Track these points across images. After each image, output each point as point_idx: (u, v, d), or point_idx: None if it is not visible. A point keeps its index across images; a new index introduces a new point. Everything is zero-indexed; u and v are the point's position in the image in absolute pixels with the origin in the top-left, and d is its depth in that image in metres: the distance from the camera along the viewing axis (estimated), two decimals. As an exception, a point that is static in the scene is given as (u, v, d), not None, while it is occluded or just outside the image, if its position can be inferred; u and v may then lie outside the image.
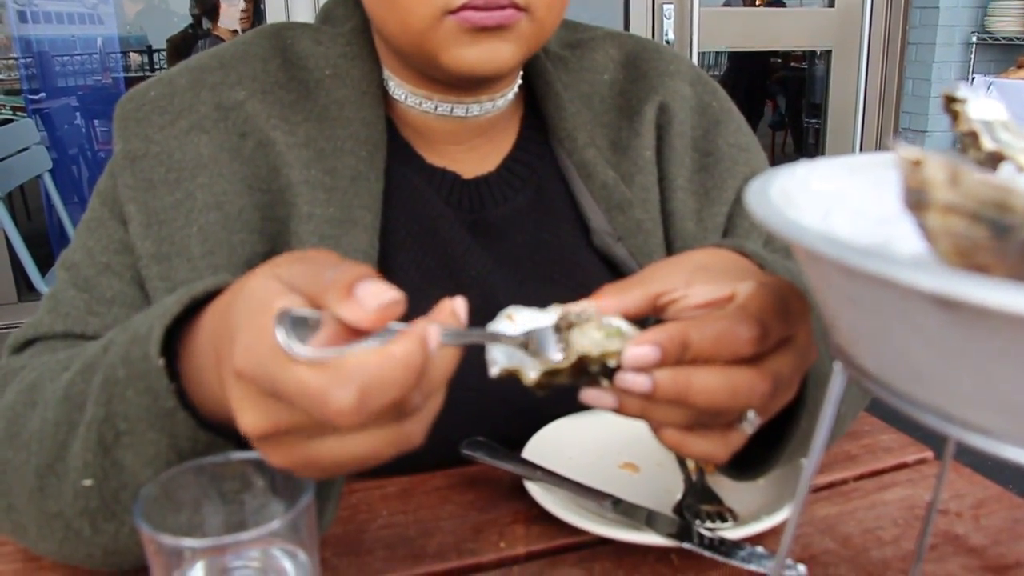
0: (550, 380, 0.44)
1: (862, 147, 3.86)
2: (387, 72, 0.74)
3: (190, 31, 3.95)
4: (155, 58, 4.25)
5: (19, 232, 2.34)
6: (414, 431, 0.40)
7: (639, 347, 0.43)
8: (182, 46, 3.89)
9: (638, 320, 0.47)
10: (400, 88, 0.74)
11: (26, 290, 3.01)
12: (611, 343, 0.44)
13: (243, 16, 3.56)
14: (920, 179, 0.26)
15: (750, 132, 0.85)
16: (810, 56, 5.15)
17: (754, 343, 0.43)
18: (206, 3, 3.74)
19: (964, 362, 0.26)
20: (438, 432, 0.68)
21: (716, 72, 5.90)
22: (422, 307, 0.41)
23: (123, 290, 0.68)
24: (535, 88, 0.79)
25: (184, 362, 0.46)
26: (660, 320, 0.47)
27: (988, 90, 3.49)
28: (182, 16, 4.04)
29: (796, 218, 0.30)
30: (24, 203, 4.08)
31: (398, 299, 0.37)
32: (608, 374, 0.44)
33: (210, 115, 0.70)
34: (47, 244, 3.44)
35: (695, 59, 3.37)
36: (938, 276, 0.23)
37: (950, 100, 0.41)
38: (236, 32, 3.66)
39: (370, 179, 0.70)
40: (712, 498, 0.63)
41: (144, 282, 0.68)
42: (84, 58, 4.05)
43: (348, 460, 0.39)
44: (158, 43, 4.16)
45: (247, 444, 0.48)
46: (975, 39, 3.69)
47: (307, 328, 0.37)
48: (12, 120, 3.50)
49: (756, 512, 0.60)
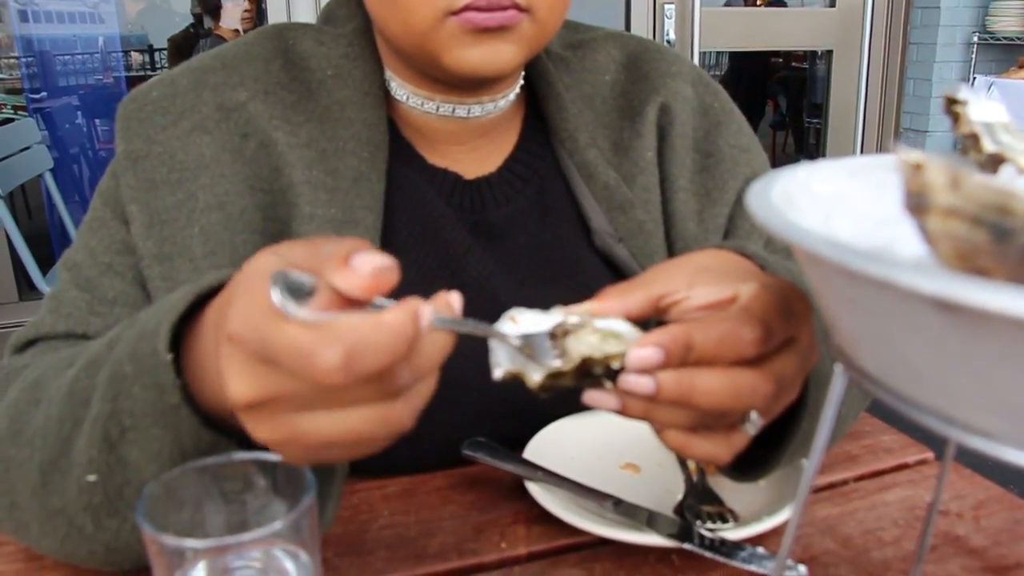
0: (554, 383, 0.44)
1: (863, 147, 3.86)
2: (389, 73, 0.74)
3: (191, 30, 3.96)
4: (156, 57, 4.26)
5: (20, 231, 2.34)
6: (403, 412, 0.39)
7: (643, 349, 0.43)
8: (183, 45, 3.90)
9: (641, 322, 0.47)
10: (402, 89, 0.74)
11: (27, 289, 3.01)
12: (609, 345, 0.44)
13: (246, 16, 3.57)
14: (921, 183, 0.26)
15: (751, 133, 0.85)
16: (811, 56, 5.14)
17: (757, 344, 0.43)
18: (208, 2, 3.74)
19: (965, 365, 0.26)
20: (439, 432, 0.69)
21: (717, 72, 5.90)
22: None
23: (125, 290, 0.68)
24: (537, 89, 0.79)
25: (188, 359, 0.46)
26: (662, 322, 0.48)
27: (989, 90, 3.49)
28: (183, 15, 4.04)
29: (797, 220, 0.30)
30: (25, 202, 4.08)
31: (391, 266, 0.37)
32: (611, 376, 0.44)
33: (212, 116, 0.70)
34: (48, 243, 3.44)
35: (696, 59, 3.36)
36: (939, 279, 0.23)
37: (951, 102, 0.41)
38: (238, 31, 3.67)
39: (372, 180, 0.70)
40: (713, 499, 0.63)
41: (146, 282, 0.68)
42: (85, 57, 4.05)
43: (334, 438, 0.38)
44: (159, 42, 4.17)
45: (250, 445, 0.48)
46: (976, 39, 3.69)
47: (303, 296, 0.37)
48: (13, 119, 3.50)
49: (757, 513, 0.60)
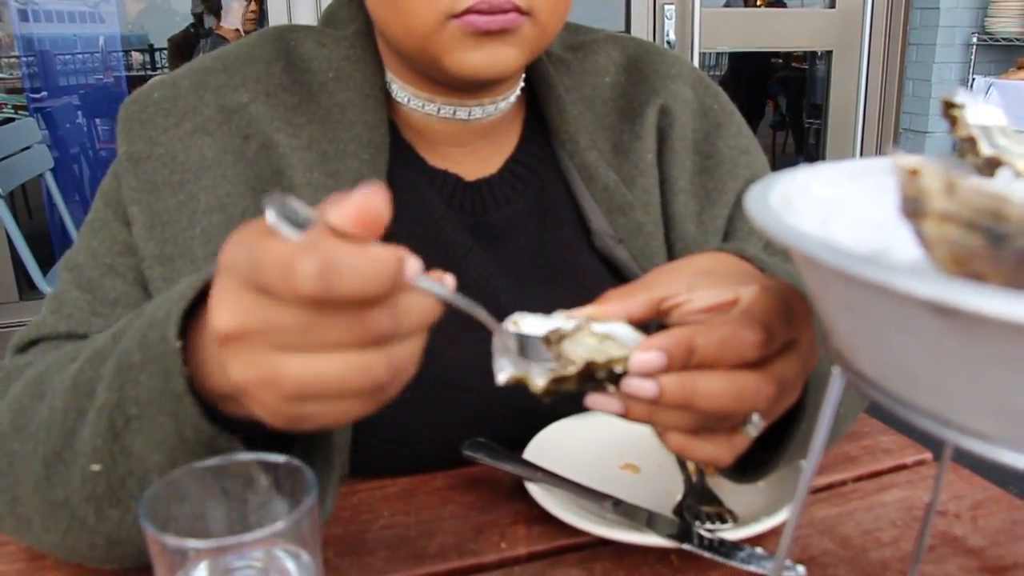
0: (557, 387, 0.44)
1: (863, 148, 3.86)
2: (390, 75, 0.75)
3: (192, 30, 3.96)
4: (157, 57, 4.26)
5: (20, 231, 2.35)
6: (380, 365, 0.38)
7: (645, 353, 0.43)
8: (184, 45, 3.90)
9: (641, 325, 0.47)
10: (403, 91, 0.74)
11: (27, 289, 3.01)
12: (607, 346, 0.44)
13: (251, 17, 3.57)
14: (917, 188, 0.26)
15: (751, 135, 0.85)
16: (811, 56, 5.14)
17: (759, 347, 0.43)
18: (211, 1, 3.75)
19: (960, 368, 0.26)
20: (440, 433, 0.69)
21: (717, 72, 5.90)
22: None
23: (126, 291, 0.69)
24: (537, 91, 0.79)
25: (194, 350, 0.46)
26: (663, 325, 0.48)
27: (988, 91, 3.50)
28: (184, 15, 4.04)
29: (795, 224, 0.31)
30: (25, 202, 4.08)
31: (385, 201, 0.38)
32: (614, 380, 0.44)
33: (214, 117, 0.70)
34: (48, 243, 3.44)
35: (696, 59, 3.37)
36: (934, 283, 0.24)
37: (948, 105, 0.41)
38: (239, 31, 3.67)
39: (372, 181, 0.70)
40: (712, 499, 0.63)
41: (147, 283, 0.68)
42: (86, 57, 4.05)
43: (309, 383, 0.38)
44: (160, 42, 4.17)
45: (251, 445, 0.48)
46: (975, 40, 3.70)
47: (300, 227, 0.37)
48: (14, 119, 3.50)
49: (756, 513, 0.60)
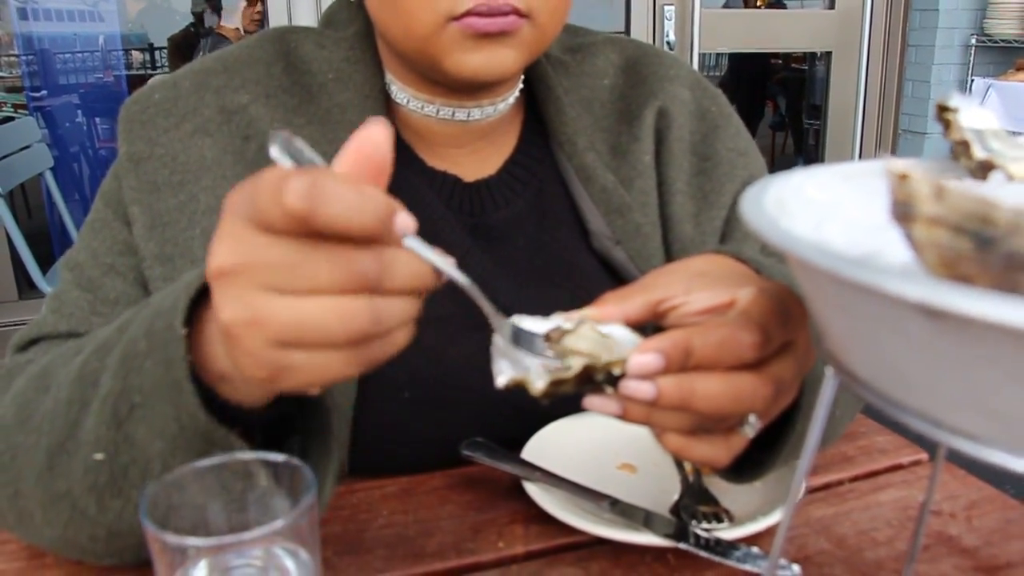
0: (556, 389, 0.45)
1: (862, 148, 3.87)
2: (389, 76, 0.75)
3: (192, 29, 3.96)
4: (156, 56, 4.26)
5: (20, 230, 2.35)
6: (363, 313, 0.39)
7: (643, 355, 0.44)
8: (183, 44, 3.90)
9: (639, 327, 0.48)
10: (402, 92, 0.74)
11: (27, 288, 3.01)
12: (606, 345, 0.45)
13: (255, 18, 3.58)
14: (906, 192, 0.27)
15: (748, 137, 0.85)
16: (810, 57, 5.14)
17: (756, 348, 0.44)
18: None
19: (950, 369, 0.27)
20: (438, 432, 0.70)
21: (716, 73, 5.90)
22: (422, 309, 0.42)
23: (127, 291, 0.69)
24: (536, 92, 0.79)
25: (197, 343, 0.47)
26: (659, 327, 0.48)
27: (987, 92, 3.50)
28: (183, 14, 4.04)
29: (789, 227, 0.31)
30: (25, 201, 4.08)
31: (385, 135, 0.41)
32: (612, 382, 0.45)
33: (214, 118, 0.71)
34: (48, 242, 3.44)
35: (695, 60, 3.37)
36: (924, 286, 0.24)
37: (942, 109, 0.42)
38: (239, 30, 3.68)
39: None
40: (708, 499, 0.63)
41: (147, 283, 0.68)
42: (85, 56, 4.04)
43: (293, 325, 0.38)
44: (159, 41, 4.17)
45: (247, 440, 0.48)
46: (974, 41, 3.70)
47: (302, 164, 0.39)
48: (13, 118, 3.50)
49: (752, 513, 0.60)
